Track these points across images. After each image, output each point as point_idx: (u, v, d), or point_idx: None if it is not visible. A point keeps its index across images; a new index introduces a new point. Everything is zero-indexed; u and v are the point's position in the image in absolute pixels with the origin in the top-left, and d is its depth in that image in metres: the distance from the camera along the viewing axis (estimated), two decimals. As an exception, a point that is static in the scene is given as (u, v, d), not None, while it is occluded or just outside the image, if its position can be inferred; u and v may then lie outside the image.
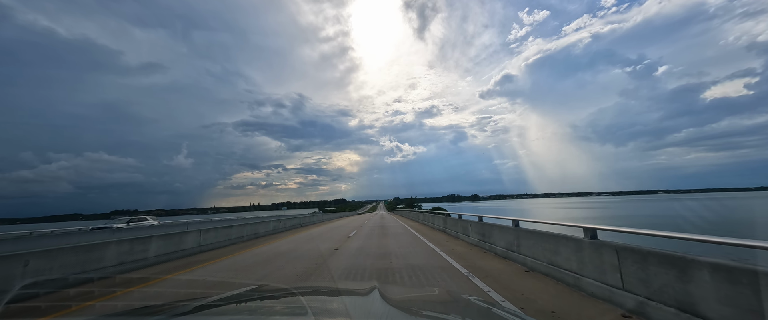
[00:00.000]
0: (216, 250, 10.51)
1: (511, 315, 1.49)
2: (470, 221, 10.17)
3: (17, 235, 14.77)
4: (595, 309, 3.68)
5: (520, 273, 5.63)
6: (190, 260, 8.60)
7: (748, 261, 2.44)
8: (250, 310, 1.38)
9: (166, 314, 1.22)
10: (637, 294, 3.36)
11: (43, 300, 4.53)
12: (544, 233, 5.52)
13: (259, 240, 13.58)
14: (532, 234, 5.96)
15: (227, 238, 11.98)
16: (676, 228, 5.54)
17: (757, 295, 2.31)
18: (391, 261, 7.24)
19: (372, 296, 1.53)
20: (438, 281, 5.40)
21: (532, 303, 3.98)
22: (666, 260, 3.07)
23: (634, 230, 3.71)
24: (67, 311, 4.14)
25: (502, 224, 7.58)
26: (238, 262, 7.94)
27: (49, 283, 5.38)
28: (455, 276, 5.61)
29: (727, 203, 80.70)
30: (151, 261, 7.89)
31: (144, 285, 5.84)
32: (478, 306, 1.59)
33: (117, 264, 6.90)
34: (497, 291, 4.61)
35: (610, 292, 3.73)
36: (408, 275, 5.88)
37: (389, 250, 9.04)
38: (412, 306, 1.50)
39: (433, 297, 1.84)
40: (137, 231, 17.59)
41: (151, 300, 4.66)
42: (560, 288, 4.53)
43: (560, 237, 4.96)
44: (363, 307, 1.41)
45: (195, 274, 6.71)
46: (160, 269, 7.48)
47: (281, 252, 9.33)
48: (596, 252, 4.06)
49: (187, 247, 9.54)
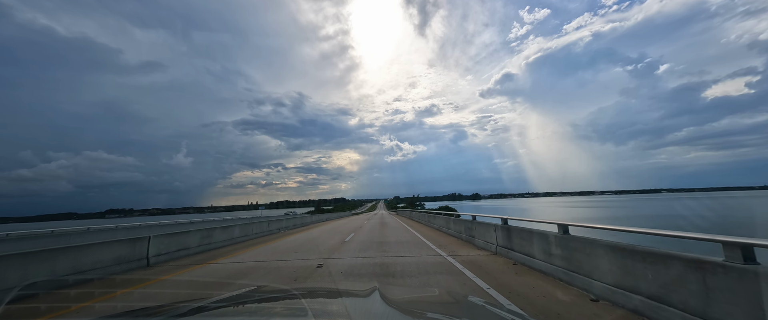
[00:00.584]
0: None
1: (513, 315, 1.48)
2: (519, 231, 6.48)
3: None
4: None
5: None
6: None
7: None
8: (250, 311, 1.37)
9: (166, 315, 1.22)
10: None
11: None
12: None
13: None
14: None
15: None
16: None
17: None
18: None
19: (373, 297, 1.52)
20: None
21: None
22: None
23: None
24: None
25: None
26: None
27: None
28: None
29: (737, 202, 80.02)
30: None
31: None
32: (480, 307, 1.58)
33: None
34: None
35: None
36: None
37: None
38: (413, 308, 1.50)
39: (434, 298, 1.83)
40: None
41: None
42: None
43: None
44: (363, 308, 1.40)
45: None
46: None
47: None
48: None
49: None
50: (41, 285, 5.13)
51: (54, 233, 13.18)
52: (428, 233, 13.62)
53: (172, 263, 8.12)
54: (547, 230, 5.33)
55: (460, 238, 10.70)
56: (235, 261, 8.04)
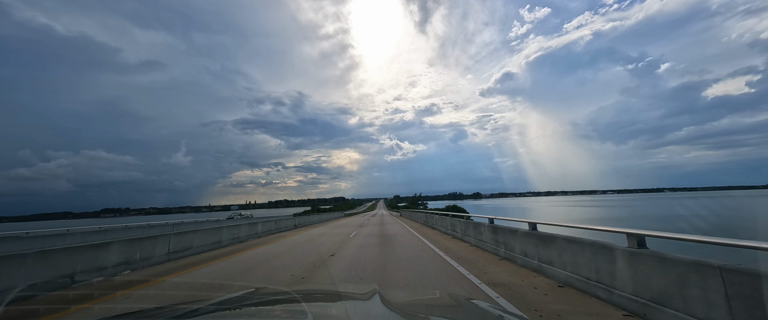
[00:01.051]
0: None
1: (514, 317, 1.47)
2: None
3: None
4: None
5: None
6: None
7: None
8: (250, 314, 1.36)
9: (164, 317, 1.21)
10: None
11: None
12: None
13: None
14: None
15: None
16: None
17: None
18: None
19: (373, 300, 1.51)
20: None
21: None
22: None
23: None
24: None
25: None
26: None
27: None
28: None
29: (736, 202, 79.10)
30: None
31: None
32: (482, 309, 1.56)
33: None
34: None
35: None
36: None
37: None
38: (413, 310, 1.48)
39: (435, 301, 1.81)
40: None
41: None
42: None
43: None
44: (363, 311, 1.39)
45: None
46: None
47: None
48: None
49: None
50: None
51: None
52: (455, 247, 9.14)
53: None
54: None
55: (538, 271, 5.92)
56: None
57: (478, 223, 9.34)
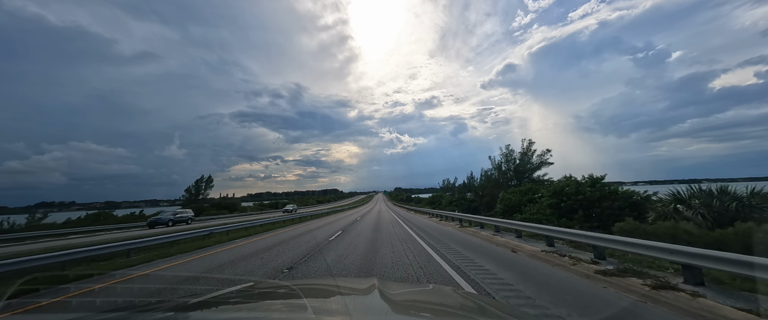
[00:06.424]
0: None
1: (511, 309, 1.48)
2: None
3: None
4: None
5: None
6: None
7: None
8: (250, 308, 1.36)
9: (165, 309, 1.21)
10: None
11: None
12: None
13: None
14: None
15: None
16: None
17: None
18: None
19: (372, 293, 1.52)
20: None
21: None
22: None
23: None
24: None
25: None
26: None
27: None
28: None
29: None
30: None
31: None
32: (477, 302, 1.58)
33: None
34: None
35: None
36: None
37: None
38: (412, 303, 1.49)
39: (434, 294, 1.83)
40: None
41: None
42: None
43: None
44: (362, 304, 1.39)
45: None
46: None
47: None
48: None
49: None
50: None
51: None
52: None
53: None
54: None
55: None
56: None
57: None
